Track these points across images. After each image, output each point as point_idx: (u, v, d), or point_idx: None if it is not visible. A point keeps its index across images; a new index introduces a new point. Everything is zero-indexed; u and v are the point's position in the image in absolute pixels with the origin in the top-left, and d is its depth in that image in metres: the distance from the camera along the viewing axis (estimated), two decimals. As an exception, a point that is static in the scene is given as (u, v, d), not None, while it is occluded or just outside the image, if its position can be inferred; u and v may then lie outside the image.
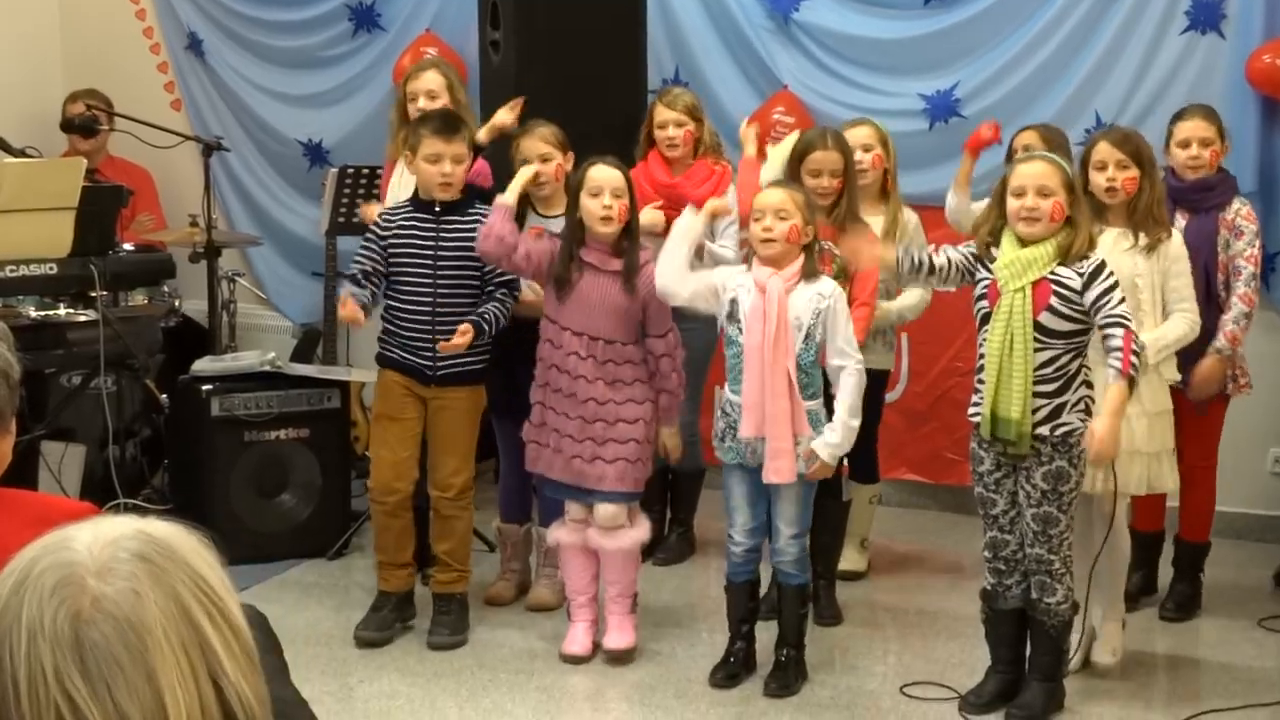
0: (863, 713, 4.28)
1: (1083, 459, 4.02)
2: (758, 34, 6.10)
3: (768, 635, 4.47)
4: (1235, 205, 4.75)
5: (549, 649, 4.66)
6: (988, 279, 4.03)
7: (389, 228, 4.64)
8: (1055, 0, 5.70)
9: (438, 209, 4.60)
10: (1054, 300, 3.93)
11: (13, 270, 5.02)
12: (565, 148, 4.80)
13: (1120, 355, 3.87)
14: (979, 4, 5.83)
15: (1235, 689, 4.41)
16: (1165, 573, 5.07)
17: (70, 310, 5.28)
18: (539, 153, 4.74)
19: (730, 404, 4.31)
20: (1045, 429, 3.97)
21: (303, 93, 6.82)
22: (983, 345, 4.04)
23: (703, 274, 4.43)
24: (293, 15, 6.83)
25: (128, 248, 5.71)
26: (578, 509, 4.58)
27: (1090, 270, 3.93)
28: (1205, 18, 5.53)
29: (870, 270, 4.63)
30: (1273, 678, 4.50)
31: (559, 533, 4.63)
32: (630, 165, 4.97)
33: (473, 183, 4.96)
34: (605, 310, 4.44)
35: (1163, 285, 4.36)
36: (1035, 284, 3.94)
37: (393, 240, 4.62)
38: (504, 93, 5.30)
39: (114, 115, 6.41)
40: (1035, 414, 3.96)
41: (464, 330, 4.47)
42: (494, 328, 4.57)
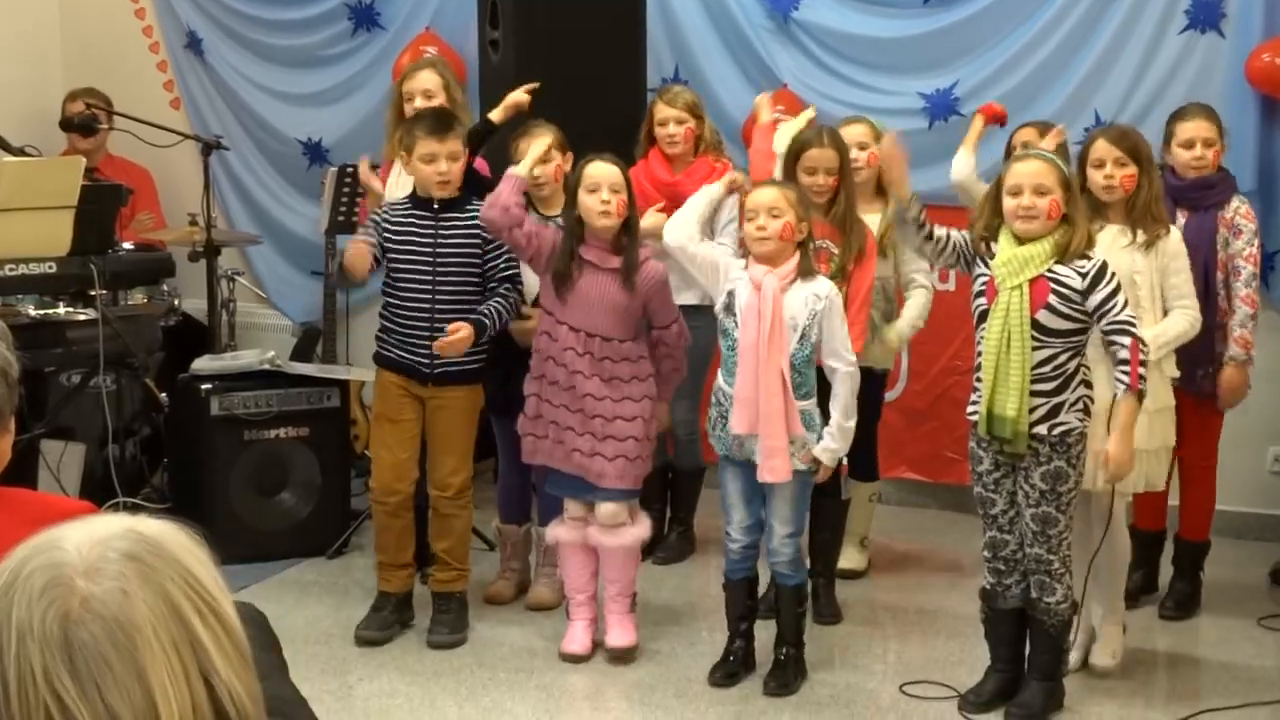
0: (862, 711, 4.28)
1: (1081, 459, 4.03)
2: (757, 33, 6.10)
3: (767, 634, 4.47)
4: (1234, 204, 4.76)
5: (548, 648, 4.66)
6: (986, 275, 4.03)
7: (389, 223, 4.63)
8: (1055, -1, 5.72)
9: (436, 206, 4.60)
10: (1053, 299, 3.92)
11: (12, 269, 5.01)
12: (564, 148, 4.80)
13: (1129, 370, 3.87)
14: (979, 3, 5.83)
15: (1235, 688, 4.41)
16: (1166, 572, 5.08)
17: (69, 309, 5.28)
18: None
19: (723, 393, 4.32)
20: (1043, 428, 3.97)
21: (302, 91, 6.82)
22: (980, 343, 4.04)
23: (712, 245, 4.44)
24: (292, 14, 6.83)
25: (127, 246, 5.71)
26: (577, 507, 4.58)
27: (1093, 273, 3.92)
28: (1205, 17, 5.53)
29: (867, 270, 4.63)
30: (1272, 676, 4.50)
31: (558, 530, 4.63)
32: (631, 164, 4.97)
33: (477, 171, 4.95)
34: (604, 308, 4.44)
35: (1162, 282, 4.36)
36: (1033, 282, 3.93)
37: (392, 236, 4.62)
38: (503, 92, 5.29)
39: (113, 114, 6.40)
40: (1033, 413, 3.95)
41: (455, 329, 4.45)
42: (497, 325, 4.57)
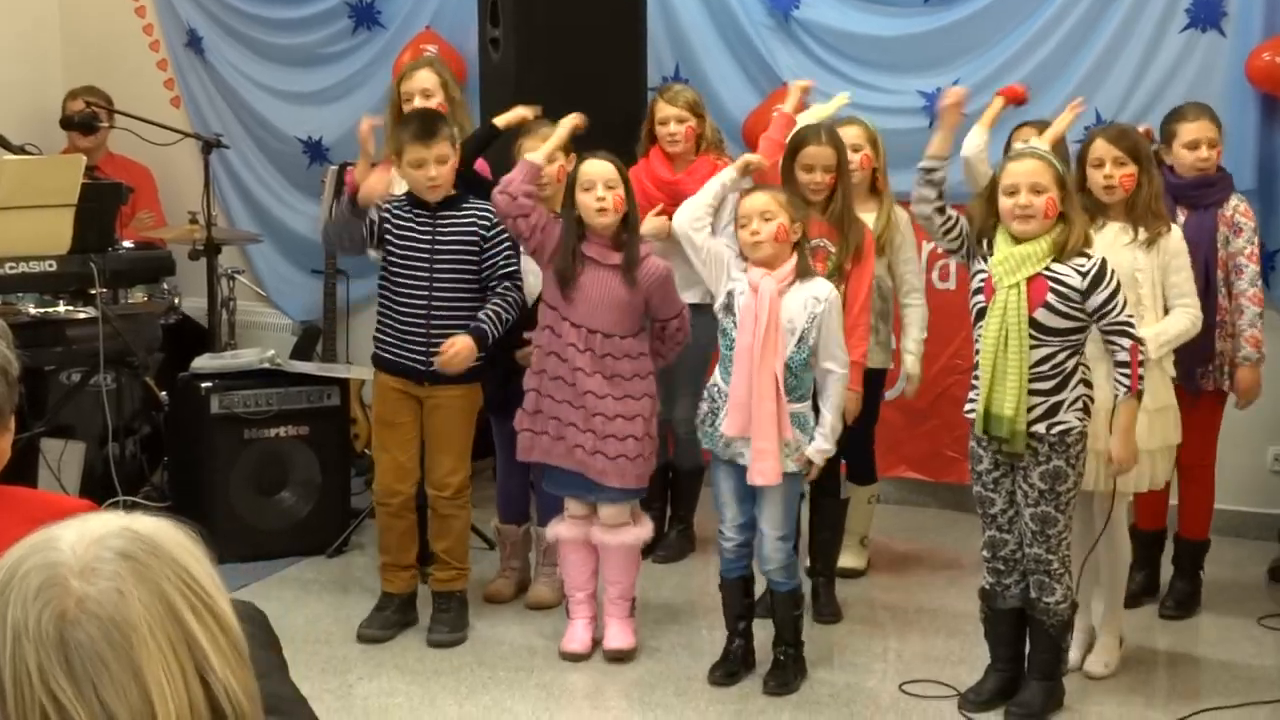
0: (862, 710, 4.28)
1: (1081, 459, 4.03)
2: (758, 31, 6.10)
3: (766, 633, 4.46)
4: (1233, 202, 4.77)
5: (548, 646, 4.66)
6: (984, 273, 4.02)
7: (389, 218, 4.61)
8: (1055, -3, 5.72)
9: (433, 206, 4.59)
10: (1051, 298, 3.92)
11: (12, 267, 5.01)
12: (567, 148, 4.78)
13: (1128, 372, 3.92)
14: (979, 1, 5.83)
15: (1234, 687, 4.41)
16: (1167, 572, 5.07)
17: (70, 307, 5.28)
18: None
19: (718, 390, 4.32)
20: (1041, 427, 3.97)
21: (302, 90, 6.82)
22: (978, 341, 4.04)
23: (719, 240, 4.43)
24: (292, 12, 6.83)
25: (127, 245, 5.71)
26: (578, 506, 4.58)
27: (1094, 273, 3.92)
28: (1205, 15, 5.52)
29: (865, 270, 4.63)
30: (1272, 676, 4.50)
31: (558, 529, 4.62)
32: (632, 162, 4.97)
33: (477, 173, 4.95)
34: (606, 304, 4.44)
35: (1163, 280, 4.36)
36: (1030, 280, 3.93)
37: (391, 230, 4.61)
38: (504, 90, 5.30)
39: (114, 112, 6.41)
40: (1031, 412, 3.95)
41: (451, 343, 4.46)
42: (498, 328, 4.55)
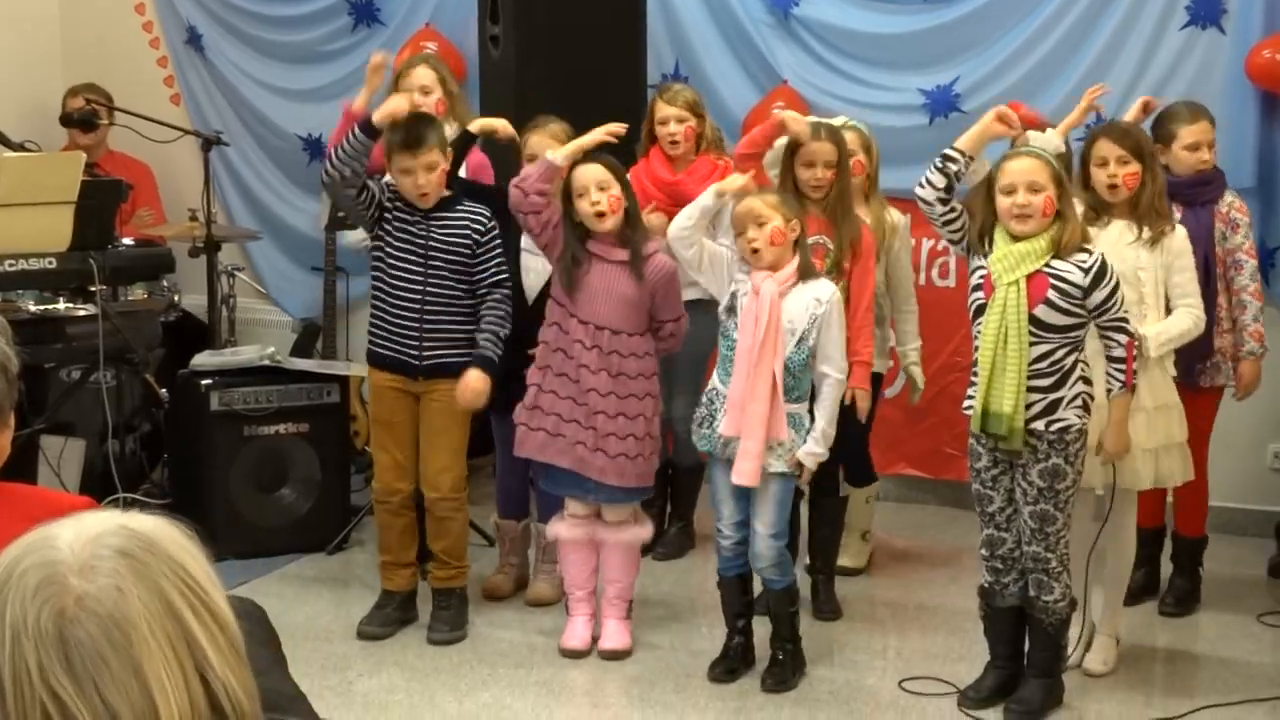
0: (862, 707, 4.28)
1: (1080, 457, 4.03)
2: (758, 29, 6.10)
3: (766, 630, 4.46)
4: (1228, 198, 4.78)
5: (548, 644, 4.66)
6: (983, 270, 4.03)
7: (389, 206, 4.58)
8: (1055, -5, 5.71)
9: (426, 208, 4.58)
10: (1052, 294, 3.92)
11: (12, 264, 5.01)
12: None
13: (1123, 367, 3.96)
14: (979, -1, 5.83)
15: (1234, 684, 4.41)
16: (1167, 568, 5.08)
17: (69, 304, 5.27)
18: (546, 149, 4.72)
19: (717, 393, 4.32)
20: (1040, 424, 3.97)
21: (302, 87, 6.82)
22: (977, 338, 4.04)
23: (715, 245, 4.42)
24: (292, 10, 6.82)
25: (127, 242, 5.70)
26: (579, 506, 4.58)
27: (1096, 269, 3.92)
28: (1205, 13, 5.52)
29: (867, 272, 4.63)
30: (1271, 673, 4.50)
31: (558, 528, 4.63)
32: (632, 162, 4.96)
33: (475, 178, 4.94)
34: (613, 299, 4.43)
35: (1165, 279, 4.36)
36: (1030, 277, 3.93)
37: (390, 220, 4.58)
38: (504, 88, 5.30)
39: (114, 109, 6.41)
40: (1030, 409, 3.96)
41: (465, 384, 4.49)
42: (499, 346, 4.56)
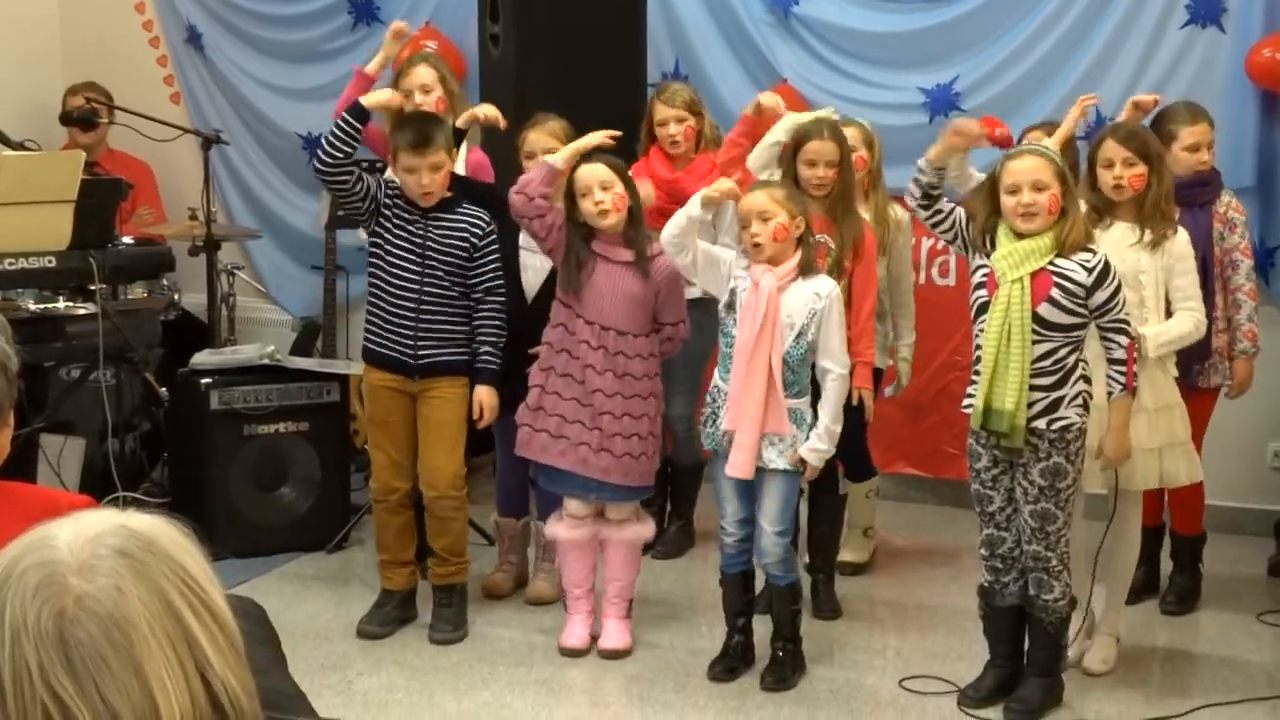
0: (861, 706, 4.28)
1: (1080, 455, 4.03)
2: (758, 27, 6.10)
3: (766, 629, 4.47)
4: (1225, 198, 4.79)
5: (548, 642, 4.67)
6: (986, 268, 4.02)
7: (388, 204, 4.58)
8: (1056, -7, 5.71)
9: (426, 207, 4.57)
10: (1055, 292, 3.92)
11: (11, 263, 5.01)
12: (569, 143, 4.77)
13: (1123, 370, 3.95)
14: (979, -3, 5.84)
15: (1233, 683, 4.42)
16: (1167, 566, 5.08)
17: (69, 303, 5.27)
18: (545, 147, 4.72)
19: (719, 390, 4.32)
20: (1041, 423, 3.97)
21: (302, 86, 6.82)
22: (979, 336, 4.04)
23: (709, 246, 4.42)
24: (292, 9, 6.83)
25: (127, 241, 5.70)
26: (579, 506, 4.57)
27: (1099, 269, 3.92)
28: (1205, 12, 5.53)
29: (870, 272, 4.63)
30: (1270, 672, 4.51)
31: (556, 528, 4.62)
32: (632, 161, 4.96)
33: (474, 176, 4.94)
34: (618, 299, 4.43)
35: (1166, 282, 4.35)
36: (1034, 275, 3.93)
37: (388, 217, 4.58)
38: (504, 87, 5.29)
39: (114, 108, 6.40)
40: (1031, 408, 3.95)
41: (479, 405, 4.56)
42: (499, 356, 4.60)
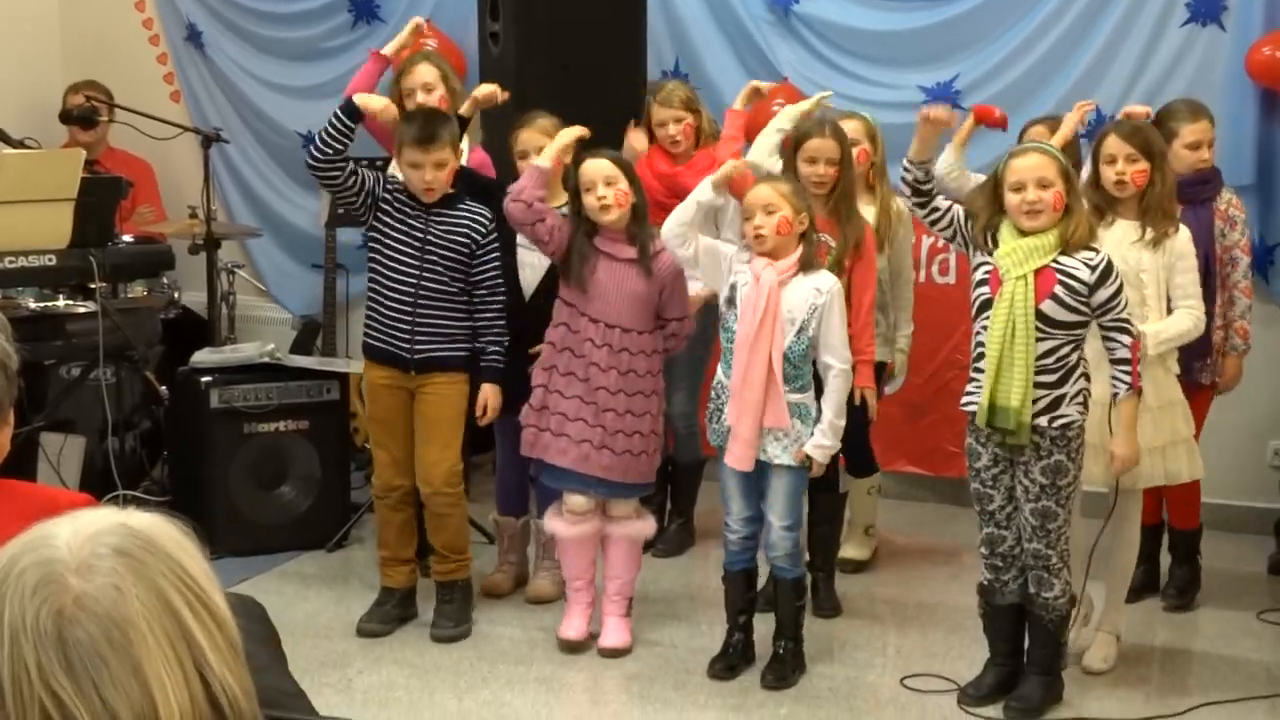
0: (862, 704, 4.28)
1: (1080, 453, 4.03)
2: (758, 26, 6.10)
3: (766, 627, 4.47)
4: (1226, 196, 4.81)
5: (548, 641, 4.66)
6: (989, 265, 4.02)
7: (388, 198, 4.59)
8: (1056, -8, 5.71)
9: (428, 203, 4.57)
10: (1059, 290, 3.92)
11: (12, 261, 5.01)
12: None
13: (1129, 369, 3.94)
14: (979, -4, 5.83)
15: (1233, 681, 4.42)
16: (1166, 565, 5.09)
17: (69, 301, 5.27)
18: (538, 145, 4.72)
19: (722, 386, 4.33)
20: (1043, 420, 3.97)
21: (302, 84, 6.82)
22: (981, 334, 4.04)
23: (714, 241, 4.41)
24: (292, 7, 6.82)
25: (127, 239, 5.71)
26: (579, 503, 4.57)
27: (1102, 267, 3.92)
28: (1206, 10, 5.53)
29: (870, 270, 4.63)
30: (1270, 670, 4.51)
31: (555, 524, 4.62)
32: (632, 159, 4.96)
33: (476, 171, 4.93)
34: (622, 296, 4.43)
35: (1167, 280, 4.36)
36: (1038, 272, 3.93)
37: (388, 212, 4.58)
38: (504, 84, 5.29)
39: (114, 107, 6.40)
40: (1034, 405, 3.95)
41: (483, 405, 4.58)
42: (504, 355, 4.61)
